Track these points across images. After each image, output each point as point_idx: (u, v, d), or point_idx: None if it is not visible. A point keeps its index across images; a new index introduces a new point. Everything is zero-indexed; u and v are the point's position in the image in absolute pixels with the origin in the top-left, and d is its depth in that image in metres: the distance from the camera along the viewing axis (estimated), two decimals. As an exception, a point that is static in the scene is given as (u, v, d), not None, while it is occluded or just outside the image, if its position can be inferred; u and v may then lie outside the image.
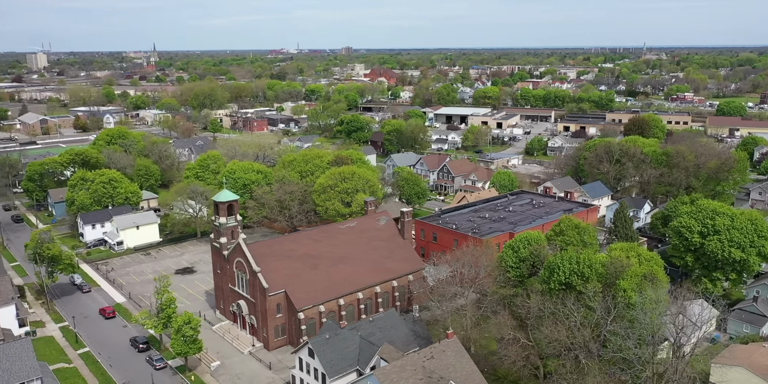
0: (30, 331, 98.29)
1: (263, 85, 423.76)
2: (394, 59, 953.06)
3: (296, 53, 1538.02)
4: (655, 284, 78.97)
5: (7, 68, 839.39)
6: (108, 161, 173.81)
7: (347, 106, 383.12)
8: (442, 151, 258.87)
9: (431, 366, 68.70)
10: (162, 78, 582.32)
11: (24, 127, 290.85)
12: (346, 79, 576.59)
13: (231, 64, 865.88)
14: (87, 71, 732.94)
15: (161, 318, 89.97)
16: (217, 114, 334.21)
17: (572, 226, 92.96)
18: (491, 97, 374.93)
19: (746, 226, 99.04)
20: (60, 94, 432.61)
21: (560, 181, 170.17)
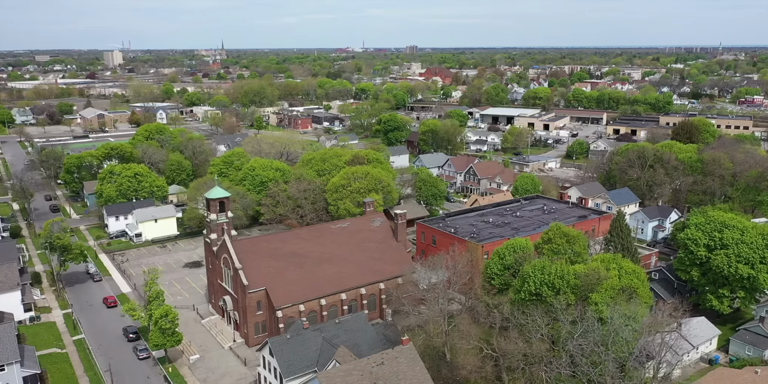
0: (34, 316, 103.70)
1: (315, 84, 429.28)
2: (455, 58, 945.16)
3: (361, 52, 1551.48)
4: (633, 299, 74.87)
5: (86, 65, 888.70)
6: (142, 156, 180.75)
7: (395, 105, 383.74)
8: (481, 153, 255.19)
9: (380, 372, 67.75)
10: (223, 76, 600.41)
11: (83, 121, 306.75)
12: (401, 77, 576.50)
13: (294, 62, 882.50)
14: (156, 68, 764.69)
15: (148, 310, 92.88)
16: (264, 111, 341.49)
17: (561, 235, 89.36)
18: (541, 98, 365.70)
19: (757, 240, 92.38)
20: (125, 91, 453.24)
21: (586, 187, 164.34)
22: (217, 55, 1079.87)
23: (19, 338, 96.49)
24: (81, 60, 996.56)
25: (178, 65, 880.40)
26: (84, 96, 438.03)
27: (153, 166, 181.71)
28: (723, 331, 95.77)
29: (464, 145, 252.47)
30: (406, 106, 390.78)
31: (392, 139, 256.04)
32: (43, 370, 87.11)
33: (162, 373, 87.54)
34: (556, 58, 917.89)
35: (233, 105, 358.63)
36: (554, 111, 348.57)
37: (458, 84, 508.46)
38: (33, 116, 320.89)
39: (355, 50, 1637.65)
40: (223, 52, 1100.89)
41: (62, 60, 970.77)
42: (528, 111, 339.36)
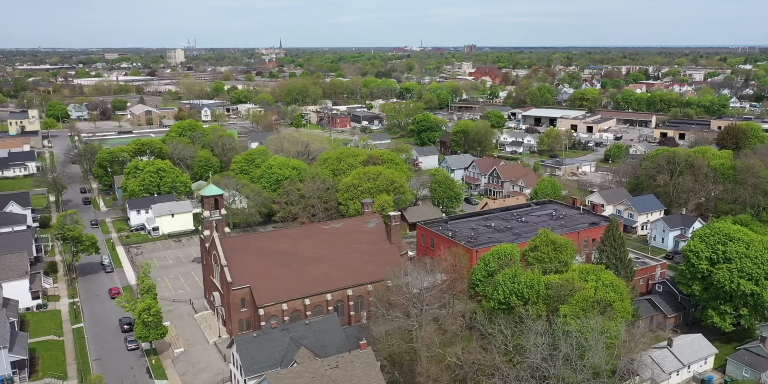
0: (42, 304, 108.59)
1: (360, 83, 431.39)
2: (511, 58, 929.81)
3: (419, 51, 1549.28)
4: (607, 313, 71.62)
5: (150, 63, 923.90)
6: (172, 152, 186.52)
7: (438, 105, 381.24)
8: (516, 155, 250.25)
9: (333, 375, 67.42)
10: (275, 74, 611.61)
11: (132, 117, 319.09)
12: (450, 77, 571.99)
13: (348, 61, 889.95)
14: (214, 66, 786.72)
15: (137, 302, 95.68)
16: (306, 110, 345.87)
17: (547, 242, 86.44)
18: (588, 99, 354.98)
19: (762, 255, 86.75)
20: (181, 88, 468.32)
21: (610, 192, 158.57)
22: (275, 53, 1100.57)
23: (23, 324, 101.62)
24: (146, 58, 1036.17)
25: (236, 63, 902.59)
26: (140, 93, 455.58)
27: (182, 162, 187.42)
28: (726, 350, 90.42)
29: (497, 147, 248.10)
30: (449, 106, 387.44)
31: (425, 139, 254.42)
32: (35, 356, 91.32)
33: (146, 365, 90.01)
34: (616, 57, 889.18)
35: (277, 103, 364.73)
36: (600, 113, 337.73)
37: (507, 84, 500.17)
38: (87, 112, 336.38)
39: (412, 49, 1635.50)
40: (281, 51, 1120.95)
41: (129, 58, 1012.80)
42: (572, 112, 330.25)
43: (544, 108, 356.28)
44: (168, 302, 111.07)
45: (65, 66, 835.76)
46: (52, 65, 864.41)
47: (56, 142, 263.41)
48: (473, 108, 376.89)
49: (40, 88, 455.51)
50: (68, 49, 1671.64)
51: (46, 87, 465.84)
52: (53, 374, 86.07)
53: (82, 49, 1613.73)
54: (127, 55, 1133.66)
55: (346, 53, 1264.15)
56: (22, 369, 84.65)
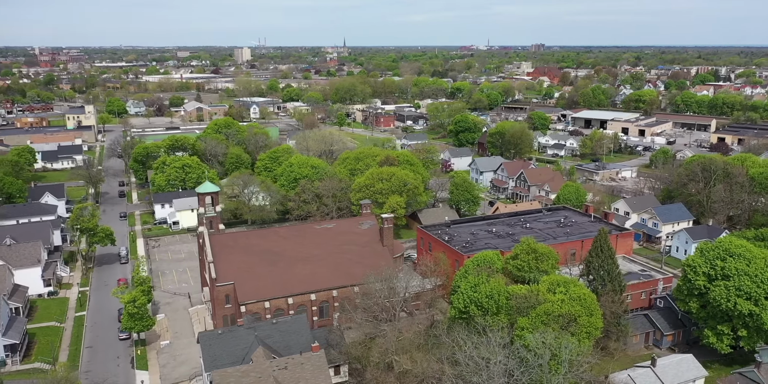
0: (53, 291, 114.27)
1: (411, 82, 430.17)
2: (577, 57, 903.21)
3: (484, 50, 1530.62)
4: (572, 328, 68.44)
5: (218, 61, 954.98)
6: (204, 148, 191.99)
7: (488, 105, 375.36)
8: (557, 158, 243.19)
9: (280, 376, 67.58)
10: (333, 72, 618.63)
11: (185, 113, 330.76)
12: (508, 77, 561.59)
13: (411, 59, 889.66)
14: (276, 65, 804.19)
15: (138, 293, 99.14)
16: (352, 108, 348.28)
17: (528, 251, 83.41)
18: (645, 101, 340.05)
19: (763, 273, 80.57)
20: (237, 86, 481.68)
21: (637, 200, 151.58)
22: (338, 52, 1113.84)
23: (31, 310, 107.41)
24: (216, 56, 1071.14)
25: (299, 62, 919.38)
26: (200, 90, 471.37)
27: (213, 159, 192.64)
28: (723, 374, 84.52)
29: (538, 149, 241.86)
30: (499, 106, 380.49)
31: (462, 140, 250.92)
32: (33, 341, 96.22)
33: (132, 355, 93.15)
34: (690, 57, 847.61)
35: (326, 101, 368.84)
36: (656, 115, 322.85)
37: (565, 84, 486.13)
38: (144, 108, 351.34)
39: (478, 48, 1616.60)
40: (344, 50, 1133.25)
41: (199, 56, 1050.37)
42: (625, 115, 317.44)
43: (597, 110, 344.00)
44: (169, 295, 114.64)
45: (139, 63, 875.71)
46: (127, 63, 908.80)
47: (110, 136, 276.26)
48: (523, 109, 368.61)
49: (108, 85, 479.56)
50: (147, 47, 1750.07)
51: (114, 83, 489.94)
52: (43, 359, 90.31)
53: (159, 47, 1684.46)
54: (199, 53, 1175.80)
55: (409, 52, 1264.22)
56: (14, 352, 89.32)
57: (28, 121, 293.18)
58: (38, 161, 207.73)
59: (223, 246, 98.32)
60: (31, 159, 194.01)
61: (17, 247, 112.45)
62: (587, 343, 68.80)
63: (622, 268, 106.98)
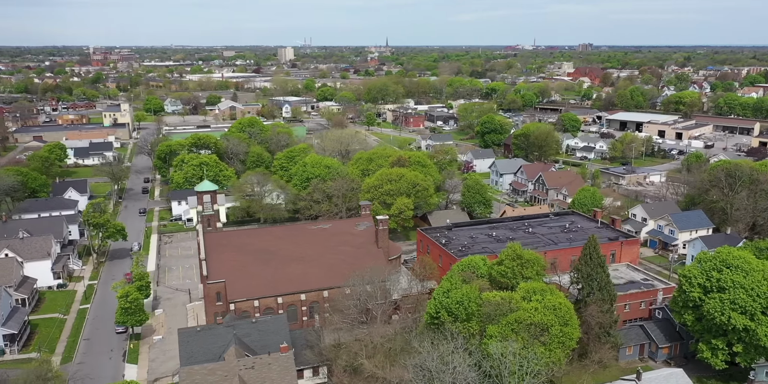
0: (62, 284, 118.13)
1: (445, 82, 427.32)
2: (624, 57, 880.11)
3: (530, 50, 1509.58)
4: (543, 338, 66.59)
5: (262, 60, 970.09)
6: (226, 146, 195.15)
7: (522, 106, 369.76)
8: (584, 160, 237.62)
9: (246, 376, 67.99)
10: (371, 72, 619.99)
11: (219, 112, 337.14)
12: (548, 77, 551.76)
13: (453, 59, 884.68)
14: (317, 64, 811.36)
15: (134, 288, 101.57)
16: (383, 108, 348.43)
17: (513, 257, 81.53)
18: (685, 103, 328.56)
19: (760, 286, 76.66)
20: (274, 85, 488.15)
21: (656, 206, 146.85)
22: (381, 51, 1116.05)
23: (39, 301, 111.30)
24: (260, 55, 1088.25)
25: (342, 61, 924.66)
26: (239, 89, 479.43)
27: (235, 157, 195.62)
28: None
29: (567, 151, 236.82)
30: (533, 107, 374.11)
31: (488, 141, 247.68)
32: (35, 332, 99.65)
33: (125, 349, 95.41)
34: (744, 58, 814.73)
35: (359, 101, 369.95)
36: (695, 118, 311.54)
37: (606, 85, 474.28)
38: (181, 106, 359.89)
39: (524, 48, 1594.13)
40: (386, 49, 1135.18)
41: (243, 55, 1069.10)
42: (662, 117, 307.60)
43: (634, 111, 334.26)
44: (171, 290, 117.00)
45: (186, 63, 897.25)
46: (174, 62, 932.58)
47: (143, 134, 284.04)
48: (558, 110, 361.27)
49: (151, 83, 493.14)
50: (196, 46, 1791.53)
51: (157, 82, 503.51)
52: (40, 350, 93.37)
53: (207, 47, 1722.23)
54: (244, 52, 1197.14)
55: (453, 52, 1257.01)
56: (13, 342, 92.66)
57: (69, 118, 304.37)
58: (70, 157, 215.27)
59: (217, 244, 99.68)
60: (62, 155, 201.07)
61: (29, 240, 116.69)
62: (559, 353, 66.72)
63: (624, 276, 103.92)
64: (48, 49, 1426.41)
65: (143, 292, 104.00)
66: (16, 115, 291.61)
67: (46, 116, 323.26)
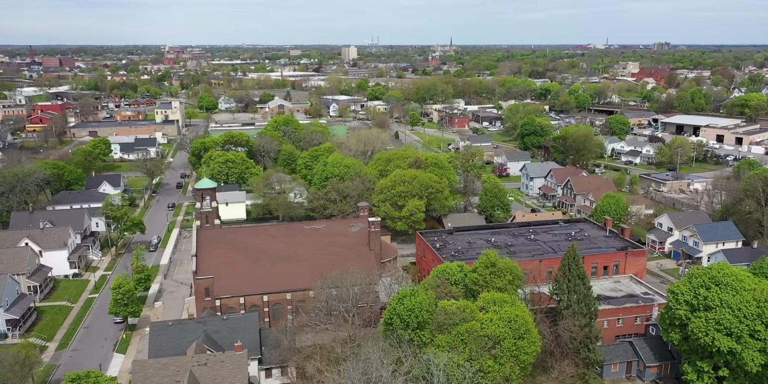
0: (77, 273, 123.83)
1: (498, 82, 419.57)
2: (701, 57, 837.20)
3: (603, 49, 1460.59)
4: (495, 351, 64.21)
5: (327, 59, 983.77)
6: (258, 144, 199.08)
7: (576, 107, 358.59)
8: (629, 165, 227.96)
9: (198, 372, 69.03)
10: (428, 72, 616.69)
11: (269, 110, 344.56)
12: (610, 78, 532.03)
13: (517, 58, 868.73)
14: (377, 64, 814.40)
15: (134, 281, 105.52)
16: (430, 108, 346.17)
17: (487, 265, 79.04)
18: (750, 106, 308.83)
19: (747, 306, 71.04)
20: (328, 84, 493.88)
21: (683, 215, 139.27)
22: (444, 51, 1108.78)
23: (52, 289, 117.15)
24: (325, 54, 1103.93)
25: (404, 60, 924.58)
26: (296, 88, 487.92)
27: (266, 155, 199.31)
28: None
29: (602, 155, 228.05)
30: (587, 109, 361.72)
31: (527, 143, 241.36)
32: (40, 318, 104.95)
33: (118, 338, 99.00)
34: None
35: (406, 101, 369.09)
36: (761, 122, 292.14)
37: (671, 86, 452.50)
38: (234, 104, 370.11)
39: (596, 47, 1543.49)
40: (450, 49, 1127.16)
41: (309, 54, 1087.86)
42: (722, 121, 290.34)
43: (694, 114, 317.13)
44: (176, 283, 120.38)
45: (252, 61, 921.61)
46: (242, 60, 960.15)
47: (191, 130, 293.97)
48: (613, 112, 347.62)
49: (212, 81, 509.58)
50: (266, 45, 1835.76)
51: (218, 80, 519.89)
52: (39, 335, 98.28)
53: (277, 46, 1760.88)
54: (310, 51, 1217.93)
55: (520, 51, 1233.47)
56: (15, 327, 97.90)
57: (127, 114, 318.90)
58: (116, 152, 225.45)
59: (210, 240, 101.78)
60: (106, 150, 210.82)
61: (48, 231, 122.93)
62: (511, 367, 64.05)
63: (624, 289, 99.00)
64: (128, 48, 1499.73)
65: (142, 284, 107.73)
66: (76, 111, 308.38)
67: (107, 112, 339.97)
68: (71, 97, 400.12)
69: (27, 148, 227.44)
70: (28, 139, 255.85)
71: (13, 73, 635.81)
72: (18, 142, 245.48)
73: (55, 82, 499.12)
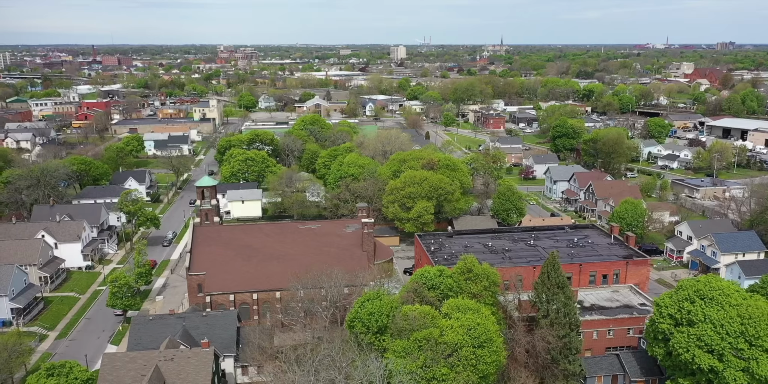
0: (89, 266, 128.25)
1: (539, 83, 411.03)
2: (762, 57, 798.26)
3: (662, 48, 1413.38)
4: (451, 360, 62.82)
5: (374, 58, 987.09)
6: (283, 143, 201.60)
7: (619, 109, 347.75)
8: (666, 170, 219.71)
9: (164, 367, 70.17)
10: (473, 72, 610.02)
11: (306, 109, 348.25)
12: (661, 78, 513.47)
13: (569, 58, 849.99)
14: (424, 63, 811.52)
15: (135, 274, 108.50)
16: (467, 109, 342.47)
17: (463, 270, 77.45)
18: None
19: (731, 323, 67.11)
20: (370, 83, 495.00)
21: (705, 224, 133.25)
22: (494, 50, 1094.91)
23: (64, 280, 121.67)
24: (375, 54, 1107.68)
25: (453, 60, 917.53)
26: (339, 87, 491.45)
27: (290, 154, 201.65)
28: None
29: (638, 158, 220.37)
30: (630, 111, 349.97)
31: (559, 146, 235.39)
32: (46, 307, 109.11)
33: (115, 330, 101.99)
34: None
35: (443, 101, 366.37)
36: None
37: (725, 88, 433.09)
38: (274, 103, 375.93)
39: (656, 46, 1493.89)
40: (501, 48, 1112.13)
41: (358, 54, 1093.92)
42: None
43: (744, 117, 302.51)
44: (182, 279, 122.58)
45: (303, 61, 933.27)
46: (292, 60, 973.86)
47: (228, 127, 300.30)
48: (658, 114, 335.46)
49: (257, 80, 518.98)
50: (318, 45, 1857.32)
51: (263, 79, 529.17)
52: (42, 325, 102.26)
53: (329, 45, 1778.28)
54: (360, 51, 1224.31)
55: (573, 51, 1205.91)
56: (20, 315, 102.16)
57: (168, 112, 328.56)
58: (150, 149, 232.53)
59: (205, 237, 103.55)
60: (138, 147, 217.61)
61: (64, 224, 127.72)
62: (468, 376, 62.42)
63: (621, 299, 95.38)
64: (186, 48, 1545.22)
65: (143, 278, 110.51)
66: (119, 108, 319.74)
67: (151, 110, 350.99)
68: (121, 95, 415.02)
69: (68, 144, 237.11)
70: (70, 136, 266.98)
71: (74, 72, 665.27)
72: (61, 138, 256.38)
73: (109, 80, 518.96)
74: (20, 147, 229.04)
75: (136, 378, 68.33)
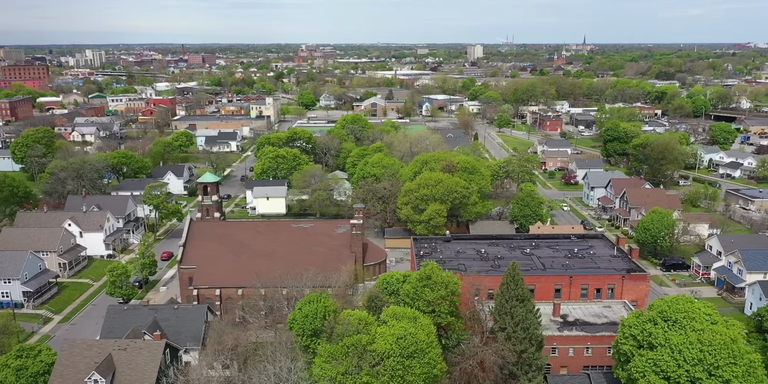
0: (111, 254, 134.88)
1: (608, 83, 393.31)
2: None
3: (764, 48, 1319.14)
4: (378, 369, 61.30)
5: (450, 58, 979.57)
6: (321, 141, 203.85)
7: (692, 113, 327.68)
8: (726, 179, 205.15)
9: (117, 356, 72.77)
10: (545, 72, 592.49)
11: (363, 108, 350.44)
12: (751, 80, 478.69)
13: (657, 58, 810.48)
14: (499, 63, 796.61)
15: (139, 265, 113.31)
16: (525, 110, 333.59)
17: (422, 277, 75.33)
18: None
19: (691, 350, 61.57)
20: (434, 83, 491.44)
21: (737, 239, 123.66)
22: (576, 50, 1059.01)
23: (84, 267, 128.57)
24: (451, 53, 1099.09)
25: (531, 60, 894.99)
26: (405, 87, 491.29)
27: (327, 153, 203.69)
28: None
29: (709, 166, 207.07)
30: (704, 114, 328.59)
31: (610, 150, 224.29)
32: (59, 292, 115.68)
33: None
34: None
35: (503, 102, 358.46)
36: None
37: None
38: (333, 101, 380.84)
39: (756, 46, 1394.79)
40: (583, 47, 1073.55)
41: (435, 53, 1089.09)
42: None
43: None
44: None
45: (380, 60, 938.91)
46: (369, 59, 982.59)
47: (285, 126, 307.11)
48: (734, 119, 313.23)
49: (327, 79, 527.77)
50: (398, 44, 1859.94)
51: (332, 78, 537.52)
52: (49, 308, 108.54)
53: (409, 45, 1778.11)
54: (437, 50, 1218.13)
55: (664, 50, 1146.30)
56: (30, 298, 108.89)
57: (230, 109, 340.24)
58: (201, 145, 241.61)
59: (200, 232, 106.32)
60: (187, 142, 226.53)
61: (90, 214, 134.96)
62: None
63: (610, 316, 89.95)
64: (269, 47, 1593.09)
65: (147, 269, 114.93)
66: (184, 105, 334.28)
67: (216, 107, 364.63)
68: (194, 92, 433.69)
69: (129, 138, 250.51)
70: (132, 131, 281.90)
71: (160, 70, 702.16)
72: (123, 132, 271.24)
73: (187, 78, 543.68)
74: (85, 140, 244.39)
75: (89, 365, 71.18)
